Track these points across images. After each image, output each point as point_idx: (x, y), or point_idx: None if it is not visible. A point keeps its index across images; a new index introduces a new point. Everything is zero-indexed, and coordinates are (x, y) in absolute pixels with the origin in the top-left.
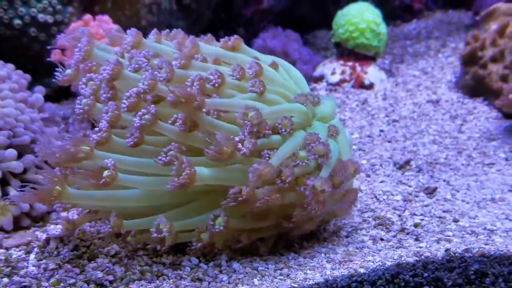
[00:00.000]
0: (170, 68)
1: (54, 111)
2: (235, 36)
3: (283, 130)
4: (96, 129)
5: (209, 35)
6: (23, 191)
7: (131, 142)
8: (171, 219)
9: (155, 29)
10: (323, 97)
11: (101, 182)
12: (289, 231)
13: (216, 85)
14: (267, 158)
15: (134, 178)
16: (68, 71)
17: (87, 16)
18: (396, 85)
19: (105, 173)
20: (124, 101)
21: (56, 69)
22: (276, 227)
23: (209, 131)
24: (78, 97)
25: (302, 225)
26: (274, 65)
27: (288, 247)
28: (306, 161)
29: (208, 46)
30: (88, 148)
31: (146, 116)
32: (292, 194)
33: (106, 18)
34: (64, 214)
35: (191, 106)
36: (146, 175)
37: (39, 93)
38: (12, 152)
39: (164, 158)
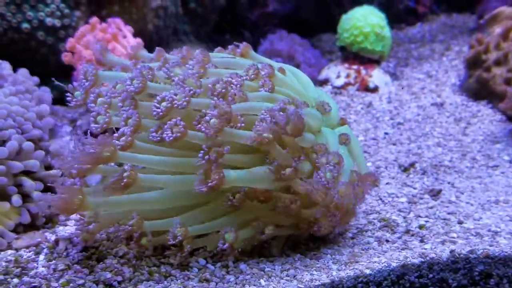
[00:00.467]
0: (199, 84)
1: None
2: (244, 43)
3: None
4: (116, 135)
5: (219, 48)
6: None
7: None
8: (186, 224)
9: (157, 48)
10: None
11: (122, 184)
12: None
13: (239, 86)
14: None
15: (155, 177)
16: (77, 93)
17: (94, 19)
18: (402, 88)
19: (124, 174)
20: (157, 104)
21: (66, 94)
22: (295, 226)
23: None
24: (91, 114)
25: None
26: (281, 70)
27: (295, 248)
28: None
29: (219, 54)
30: (112, 148)
31: (176, 129)
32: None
33: (118, 20)
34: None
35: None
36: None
37: (44, 92)
38: (29, 145)
39: (206, 157)
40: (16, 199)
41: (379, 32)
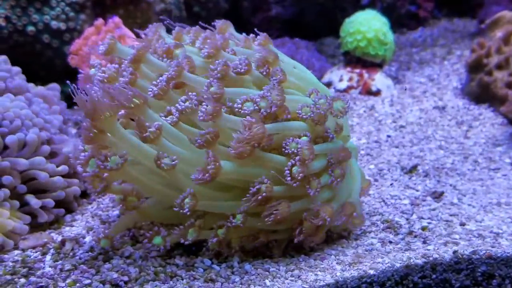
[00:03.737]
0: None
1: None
2: (264, 34)
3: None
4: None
5: (265, 34)
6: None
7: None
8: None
9: (177, 27)
10: None
11: (144, 135)
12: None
13: (242, 70)
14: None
15: (174, 147)
16: (92, 70)
17: (99, 21)
18: (405, 89)
19: (151, 128)
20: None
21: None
22: (291, 230)
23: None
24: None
25: (312, 235)
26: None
27: (299, 249)
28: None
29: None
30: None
31: (188, 104)
32: (300, 202)
33: (117, 20)
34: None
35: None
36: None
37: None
38: (33, 138)
39: (199, 140)
40: (36, 201)
41: (382, 38)
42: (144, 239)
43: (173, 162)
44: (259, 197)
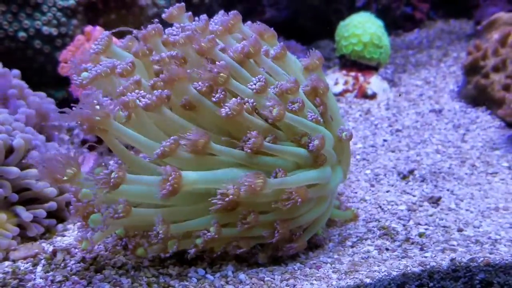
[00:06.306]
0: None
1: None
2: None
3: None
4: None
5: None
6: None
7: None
8: (168, 221)
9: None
10: None
11: (111, 184)
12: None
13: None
14: None
15: (141, 178)
16: (85, 74)
17: (89, 28)
18: (400, 95)
19: (113, 174)
20: None
21: (72, 75)
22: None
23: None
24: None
25: (290, 241)
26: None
27: (294, 257)
28: None
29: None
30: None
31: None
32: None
33: (98, 28)
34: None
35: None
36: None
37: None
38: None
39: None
40: (27, 214)
41: (377, 43)
42: None
43: None
44: (226, 199)
